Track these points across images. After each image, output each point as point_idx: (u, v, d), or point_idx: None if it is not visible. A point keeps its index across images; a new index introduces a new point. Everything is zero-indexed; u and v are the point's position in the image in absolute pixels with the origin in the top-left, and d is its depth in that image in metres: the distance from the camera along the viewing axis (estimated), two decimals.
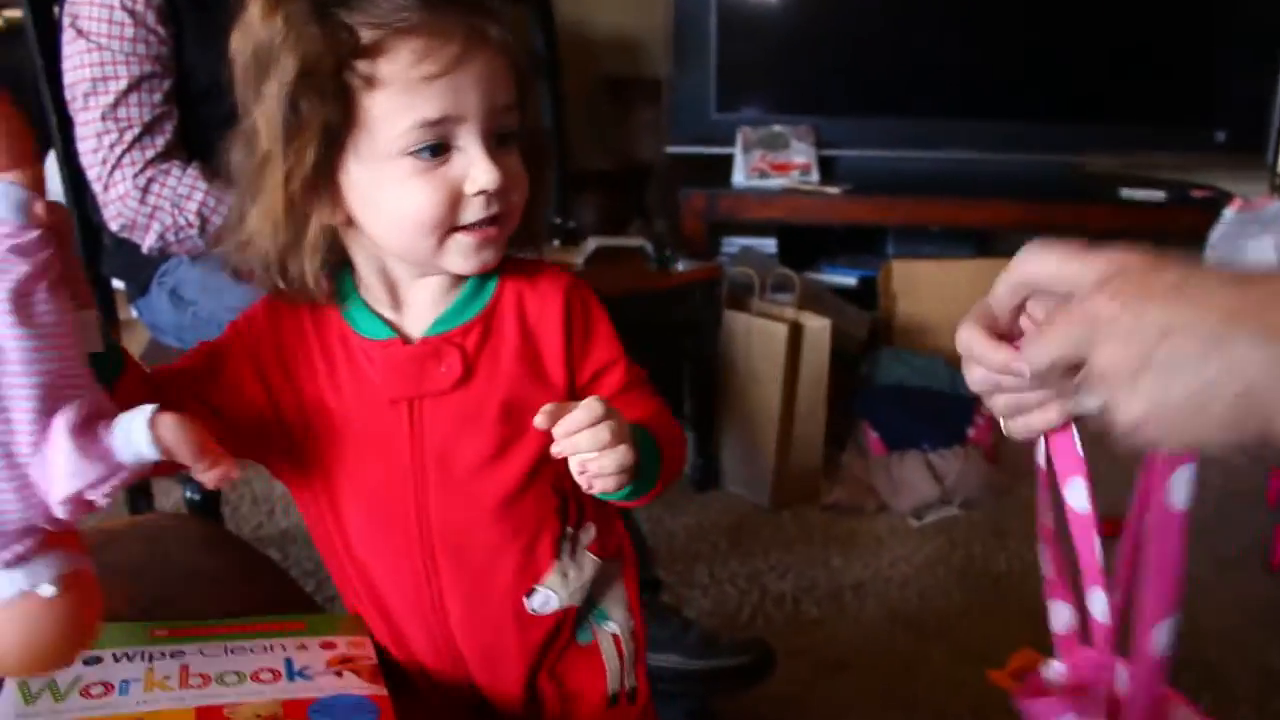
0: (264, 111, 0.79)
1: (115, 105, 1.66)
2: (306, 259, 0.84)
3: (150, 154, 1.67)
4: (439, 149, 0.80)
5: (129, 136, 1.66)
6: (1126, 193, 3.00)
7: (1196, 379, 0.54)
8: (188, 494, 1.61)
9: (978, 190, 2.98)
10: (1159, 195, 2.98)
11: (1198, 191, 2.99)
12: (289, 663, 0.86)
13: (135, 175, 1.66)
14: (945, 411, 2.58)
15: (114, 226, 1.71)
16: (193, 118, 1.72)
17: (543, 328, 0.89)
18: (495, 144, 0.82)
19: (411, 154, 0.80)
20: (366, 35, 0.77)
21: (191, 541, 1.11)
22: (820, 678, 1.78)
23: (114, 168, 1.67)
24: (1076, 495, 0.73)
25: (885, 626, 1.94)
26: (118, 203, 1.67)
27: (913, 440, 2.49)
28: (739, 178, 2.95)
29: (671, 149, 3.05)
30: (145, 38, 1.66)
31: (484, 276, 0.88)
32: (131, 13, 1.65)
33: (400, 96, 0.78)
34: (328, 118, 0.78)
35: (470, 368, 0.87)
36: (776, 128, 2.99)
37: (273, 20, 0.77)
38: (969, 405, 2.61)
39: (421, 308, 0.88)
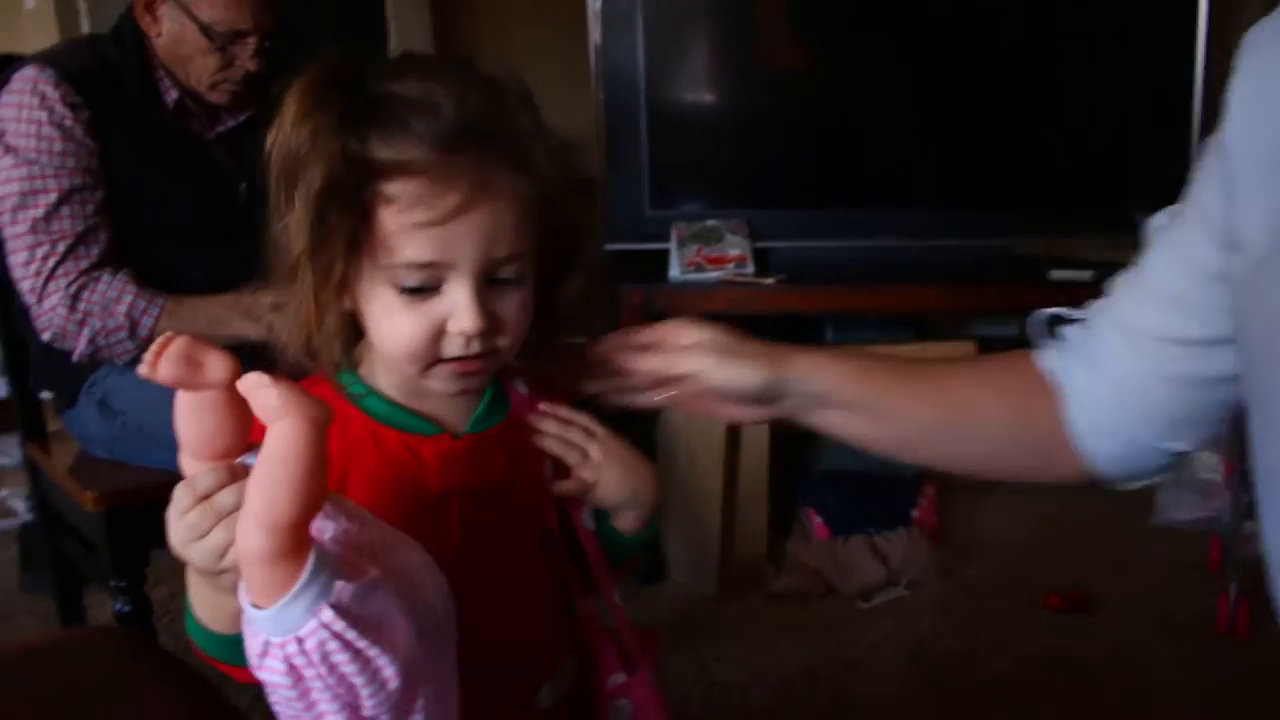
0: (295, 217, 0.78)
1: (47, 218, 1.66)
2: (332, 343, 0.84)
3: (84, 264, 1.67)
4: (424, 289, 0.80)
5: (61, 248, 1.66)
6: (1055, 274, 3.07)
7: None
8: (117, 606, 1.58)
9: (910, 276, 3.02)
10: (1086, 275, 3.05)
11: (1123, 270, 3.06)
12: None
13: (68, 286, 1.66)
14: (889, 494, 2.60)
15: (45, 337, 1.69)
16: (124, 228, 1.72)
17: None
18: (490, 285, 0.81)
19: (398, 287, 0.80)
20: (379, 162, 0.77)
21: (116, 657, 1.08)
22: None
23: (48, 279, 1.66)
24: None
25: (835, 711, 1.92)
26: (49, 313, 1.67)
27: (857, 523, 2.50)
28: (675, 272, 2.98)
29: (608, 246, 3.09)
30: (74, 150, 1.67)
31: (502, 380, 0.91)
32: (60, 127, 1.66)
33: (394, 234, 0.77)
34: (350, 231, 0.78)
35: (510, 466, 0.89)
36: (710, 222, 3.03)
37: (302, 129, 0.77)
38: (912, 487, 2.63)
39: (445, 403, 0.88)
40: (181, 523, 0.66)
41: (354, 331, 0.85)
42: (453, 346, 0.81)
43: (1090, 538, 2.61)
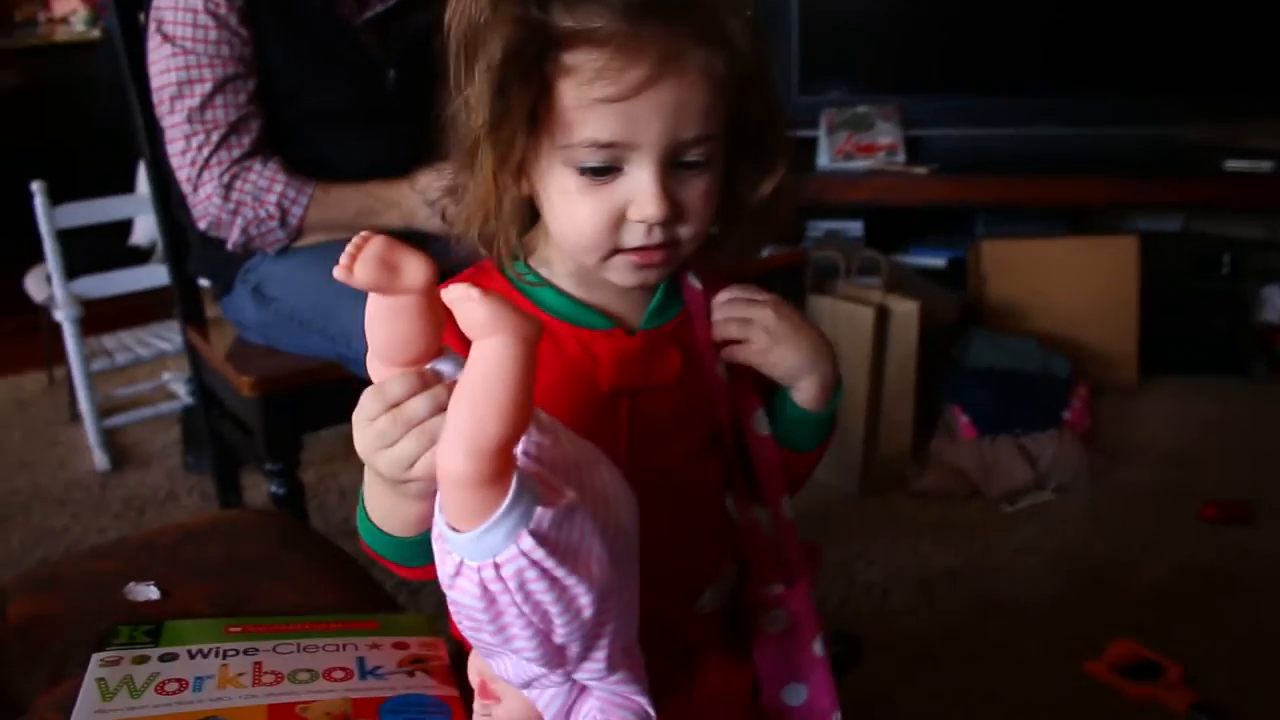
0: (475, 91, 0.74)
1: (202, 107, 1.68)
2: (509, 229, 0.80)
3: (237, 153, 1.70)
4: (605, 170, 0.75)
5: (215, 137, 1.69)
6: (1231, 164, 2.88)
7: None
8: (273, 488, 1.64)
9: (1070, 167, 2.89)
10: (1266, 166, 2.85)
11: None
12: (361, 661, 0.87)
13: (221, 174, 1.69)
14: (1039, 394, 2.52)
15: (201, 226, 1.73)
16: (274, 116, 1.74)
17: None
18: (675, 170, 0.76)
19: (578, 168, 0.75)
20: (562, 30, 0.72)
21: (271, 538, 1.13)
22: (909, 669, 1.74)
23: (202, 168, 1.69)
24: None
25: (977, 616, 1.89)
26: (205, 202, 1.70)
27: (1005, 423, 2.43)
28: (824, 160, 2.91)
29: None
30: (229, 39, 1.68)
31: (676, 273, 0.87)
32: (215, 15, 1.67)
33: (575, 110, 0.73)
34: (531, 104, 0.73)
35: (686, 364, 0.86)
36: (861, 108, 2.93)
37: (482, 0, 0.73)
38: (1064, 387, 2.54)
39: (619, 296, 0.84)
40: (370, 429, 0.64)
41: (528, 217, 0.81)
42: (633, 235, 0.76)
43: (1253, 449, 2.49)
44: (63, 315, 2.53)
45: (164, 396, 2.89)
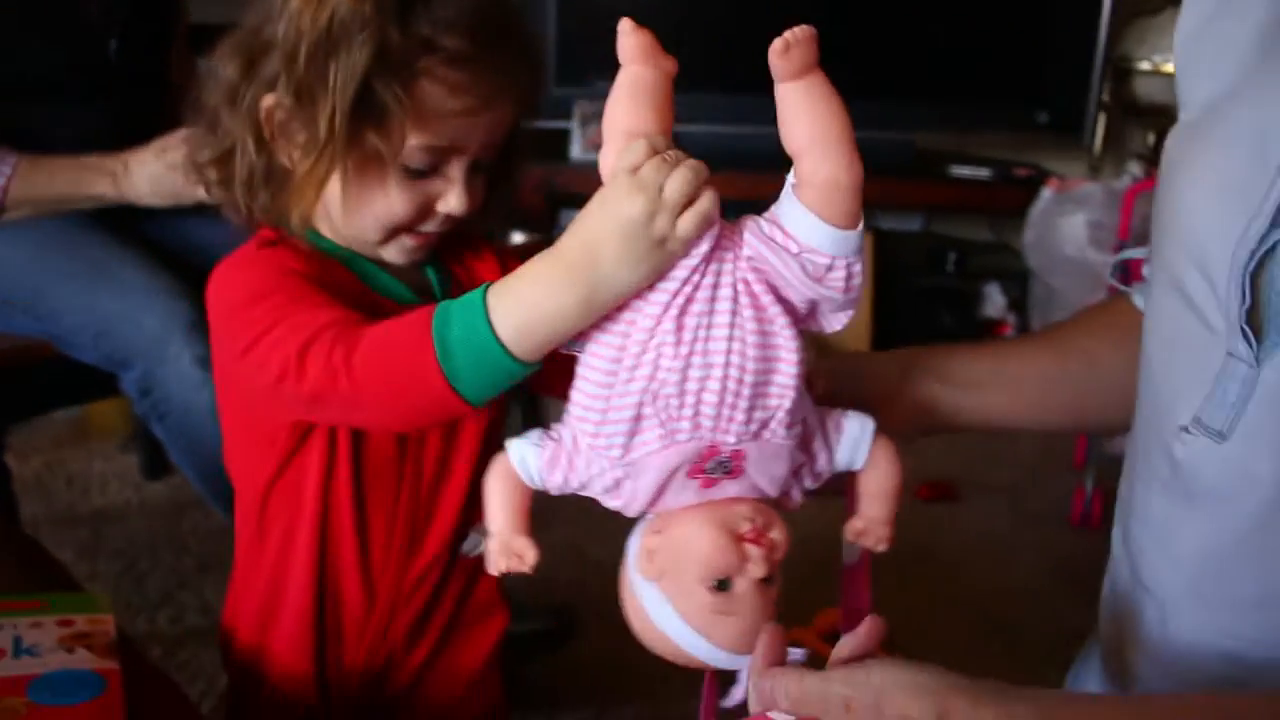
0: (336, 84, 0.79)
1: None
2: (314, 204, 0.86)
3: None
4: (427, 171, 0.84)
5: None
6: (956, 170, 3.10)
7: None
8: None
9: None
10: (985, 173, 3.08)
11: (1020, 170, 3.11)
12: (17, 640, 0.85)
13: None
14: None
15: None
16: None
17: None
18: (471, 171, 0.86)
19: (404, 166, 0.83)
20: (429, 44, 0.81)
21: None
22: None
23: None
24: None
25: None
26: None
27: None
28: (576, 151, 2.97)
29: None
30: None
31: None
32: None
33: (422, 119, 0.81)
34: (388, 104, 0.80)
35: None
36: None
37: (360, 4, 0.78)
38: None
39: (399, 271, 0.91)
40: (661, 200, 0.66)
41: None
42: (430, 224, 0.87)
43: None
44: None
45: None
